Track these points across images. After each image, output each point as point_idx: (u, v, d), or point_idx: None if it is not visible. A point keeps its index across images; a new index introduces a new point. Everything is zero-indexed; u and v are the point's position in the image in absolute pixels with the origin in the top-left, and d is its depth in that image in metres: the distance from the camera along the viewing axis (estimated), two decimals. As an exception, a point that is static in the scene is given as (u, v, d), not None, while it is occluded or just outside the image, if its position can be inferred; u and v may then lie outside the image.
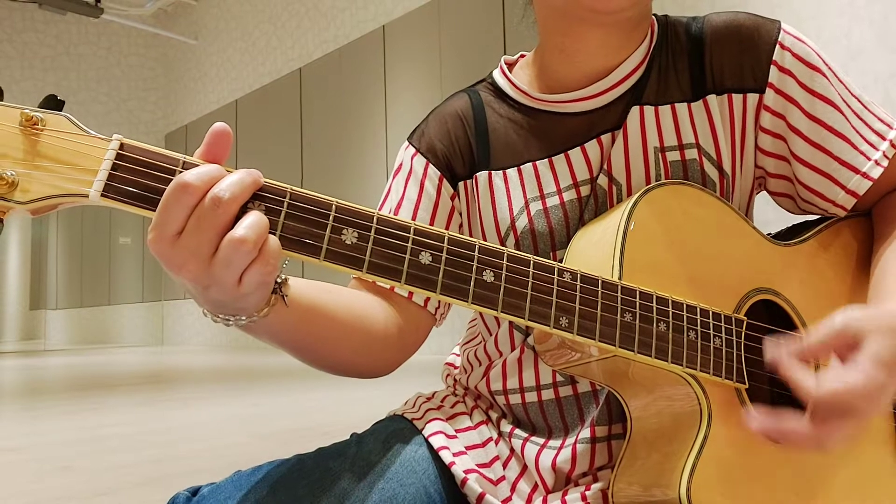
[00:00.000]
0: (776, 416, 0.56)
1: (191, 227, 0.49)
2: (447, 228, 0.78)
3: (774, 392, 0.68)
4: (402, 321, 0.75)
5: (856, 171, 0.72)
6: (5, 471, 2.07)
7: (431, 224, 0.78)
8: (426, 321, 0.78)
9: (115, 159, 0.50)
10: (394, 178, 0.82)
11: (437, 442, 0.70)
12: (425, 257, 0.56)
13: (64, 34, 10.50)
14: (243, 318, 0.56)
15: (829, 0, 3.90)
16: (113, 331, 12.62)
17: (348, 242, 0.54)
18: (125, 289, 12.06)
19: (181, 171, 0.51)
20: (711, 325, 0.63)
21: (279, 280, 0.58)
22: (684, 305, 0.62)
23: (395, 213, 0.79)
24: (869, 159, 0.71)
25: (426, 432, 0.71)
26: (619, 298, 0.60)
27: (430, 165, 0.79)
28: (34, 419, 3.16)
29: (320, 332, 0.66)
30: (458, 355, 0.89)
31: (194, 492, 0.64)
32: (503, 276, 0.57)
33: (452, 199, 0.79)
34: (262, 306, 0.57)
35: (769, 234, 0.73)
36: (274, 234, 0.52)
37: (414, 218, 0.78)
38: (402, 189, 0.80)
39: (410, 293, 0.75)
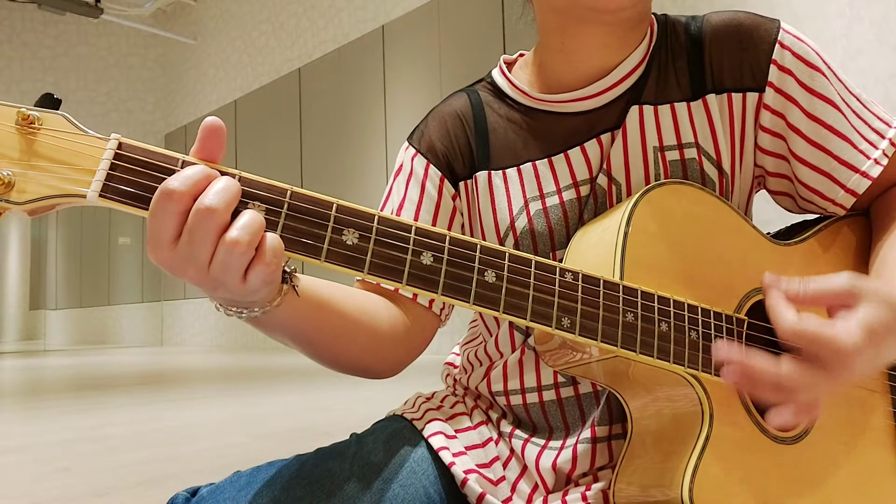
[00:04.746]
0: (746, 352, 0.55)
1: (185, 238, 0.49)
2: (449, 229, 0.78)
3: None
4: (408, 322, 0.75)
5: (855, 169, 0.72)
6: (5, 471, 2.07)
7: (434, 225, 0.78)
8: (431, 322, 0.78)
9: (114, 159, 0.50)
10: (394, 179, 0.82)
11: (436, 442, 0.70)
12: (427, 258, 0.56)
13: (63, 34, 10.50)
14: (256, 309, 0.56)
15: (828, 0, 3.90)
16: (113, 331, 12.62)
17: (349, 243, 0.54)
18: (125, 289, 12.06)
19: (180, 171, 0.51)
20: (713, 325, 0.63)
21: (288, 270, 0.58)
22: (686, 305, 0.62)
23: (397, 215, 0.78)
24: (868, 158, 0.71)
25: (426, 432, 0.71)
26: (620, 298, 0.60)
27: (431, 166, 0.79)
28: (34, 419, 3.16)
29: (331, 326, 0.66)
30: (458, 355, 0.89)
31: (193, 492, 0.64)
32: (505, 276, 0.57)
33: (454, 199, 0.79)
34: (274, 296, 0.56)
35: (769, 234, 0.73)
36: (274, 232, 0.52)
37: (416, 219, 0.78)
38: (404, 190, 0.80)
39: (415, 294, 0.75)
